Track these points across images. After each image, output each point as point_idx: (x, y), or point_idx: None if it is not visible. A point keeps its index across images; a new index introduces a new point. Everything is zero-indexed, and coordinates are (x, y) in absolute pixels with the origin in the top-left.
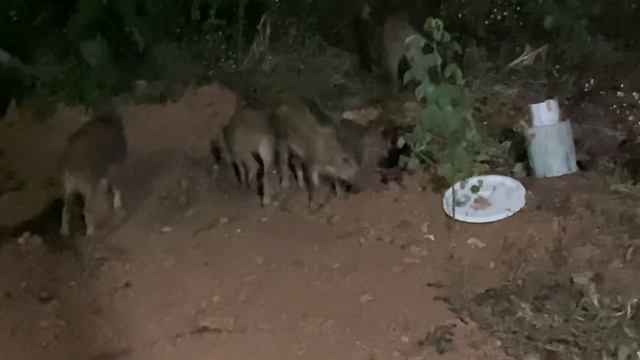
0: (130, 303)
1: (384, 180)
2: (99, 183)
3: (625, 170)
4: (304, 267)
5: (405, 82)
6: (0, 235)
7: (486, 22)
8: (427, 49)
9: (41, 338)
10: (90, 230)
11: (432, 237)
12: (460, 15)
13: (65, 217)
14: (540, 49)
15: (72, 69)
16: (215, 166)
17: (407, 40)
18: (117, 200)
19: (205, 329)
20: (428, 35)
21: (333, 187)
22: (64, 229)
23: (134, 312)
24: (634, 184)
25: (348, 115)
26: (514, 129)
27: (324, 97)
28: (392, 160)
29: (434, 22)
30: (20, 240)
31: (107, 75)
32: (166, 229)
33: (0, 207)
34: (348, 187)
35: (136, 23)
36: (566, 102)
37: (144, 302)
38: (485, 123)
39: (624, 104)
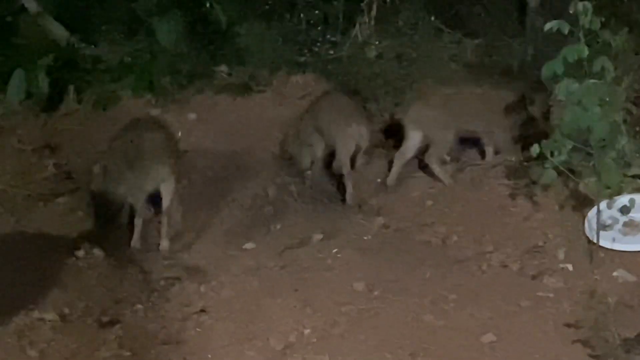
0: (205, 332)
1: (512, 196)
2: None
3: None
4: (413, 297)
5: (543, 77)
6: (55, 246)
7: None
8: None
9: None
10: (165, 244)
11: (569, 266)
12: None
13: (137, 226)
14: None
15: (140, 51)
16: (308, 171)
17: (548, 26)
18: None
19: None
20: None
21: None
22: (136, 241)
23: (210, 344)
24: None
25: None
26: None
27: None
28: (522, 172)
29: (581, 5)
30: (79, 253)
31: (182, 59)
32: (249, 245)
33: (56, 213)
34: None
35: None
36: None
37: (222, 332)
38: (638, 129)
39: None
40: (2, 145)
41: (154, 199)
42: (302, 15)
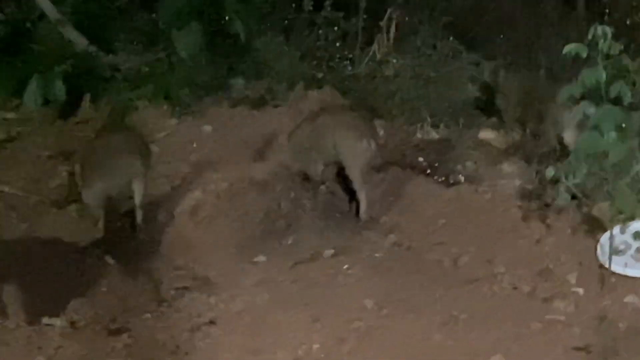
0: (213, 344)
1: (525, 218)
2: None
3: None
4: (423, 317)
5: (560, 100)
6: (66, 253)
7: None
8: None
9: None
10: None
11: (581, 290)
12: (628, 21)
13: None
14: None
15: (158, 61)
16: (322, 186)
17: (566, 49)
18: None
19: None
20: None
21: None
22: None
23: (218, 356)
24: None
25: (484, 135)
26: None
27: (456, 112)
28: (535, 194)
29: (600, 30)
30: (90, 260)
31: (199, 71)
32: (260, 258)
33: (68, 220)
34: None
35: (237, 10)
36: None
37: (230, 345)
38: None
39: None
40: (18, 151)
41: None
42: (320, 31)
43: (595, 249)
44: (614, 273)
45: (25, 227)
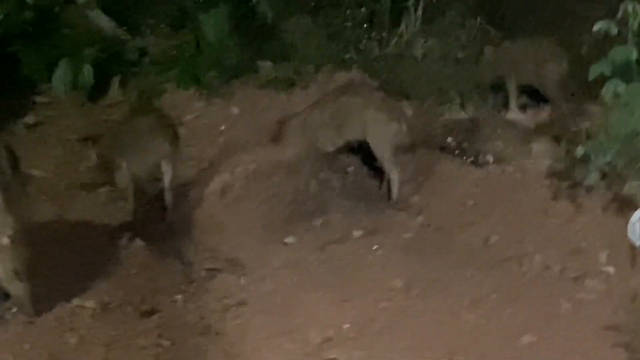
0: (244, 324)
1: (555, 197)
2: None
3: None
4: (453, 296)
5: (590, 78)
6: (96, 235)
7: None
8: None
9: (139, 359)
10: None
11: (611, 269)
12: None
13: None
14: None
15: (186, 44)
16: (351, 167)
17: (596, 27)
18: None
19: None
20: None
21: None
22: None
23: (249, 336)
24: None
25: (513, 115)
26: None
27: (484, 92)
28: (565, 173)
29: (630, 7)
30: (120, 242)
31: (227, 53)
32: (289, 239)
33: (98, 203)
34: None
35: None
36: None
37: (261, 325)
38: None
39: None
40: (47, 135)
41: None
42: (348, 12)
43: (626, 228)
44: None
45: (55, 210)
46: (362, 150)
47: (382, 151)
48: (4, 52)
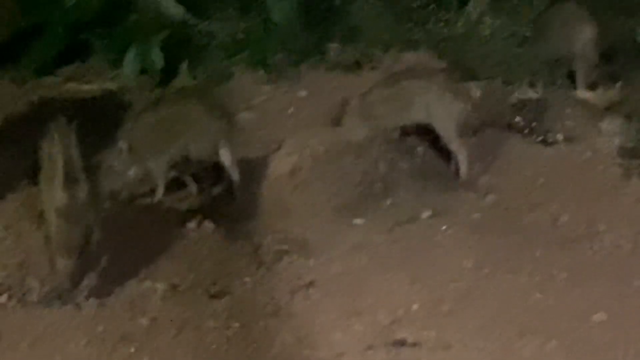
0: (313, 306)
1: (626, 176)
2: None
3: None
4: (523, 276)
5: None
6: (166, 218)
7: None
8: None
9: (210, 340)
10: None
11: None
12: None
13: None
14: None
15: (254, 27)
16: (420, 148)
17: None
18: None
19: (401, 342)
20: None
21: None
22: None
23: (318, 317)
24: None
25: (581, 94)
26: None
27: (553, 70)
28: (637, 151)
29: None
30: (190, 225)
31: (294, 36)
32: (358, 221)
33: (168, 185)
34: None
35: None
36: None
37: (330, 306)
38: None
39: None
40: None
41: None
42: None
43: None
44: None
45: (125, 194)
46: (430, 131)
47: (447, 132)
48: (75, 40)
